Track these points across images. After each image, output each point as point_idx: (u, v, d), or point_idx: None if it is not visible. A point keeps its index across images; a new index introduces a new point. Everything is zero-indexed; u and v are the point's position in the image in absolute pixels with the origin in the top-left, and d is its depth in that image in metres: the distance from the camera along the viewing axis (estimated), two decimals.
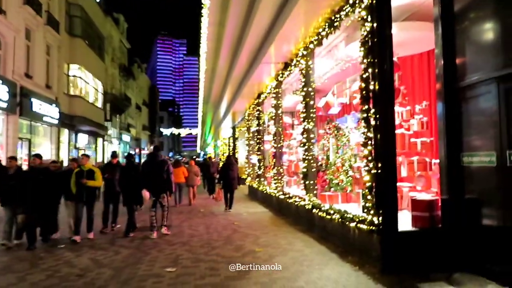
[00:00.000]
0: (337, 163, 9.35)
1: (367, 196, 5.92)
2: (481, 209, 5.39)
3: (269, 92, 14.03)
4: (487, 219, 5.31)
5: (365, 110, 5.99)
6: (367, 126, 5.96)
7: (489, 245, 5.18)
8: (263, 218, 11.38)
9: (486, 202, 5.30)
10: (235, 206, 14.39)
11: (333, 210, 7.39)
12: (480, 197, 5.40)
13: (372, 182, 5.85)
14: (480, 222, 5.39)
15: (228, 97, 18.09)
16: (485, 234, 5.28)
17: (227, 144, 33.68)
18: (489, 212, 5.27)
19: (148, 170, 8.93)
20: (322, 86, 11.97)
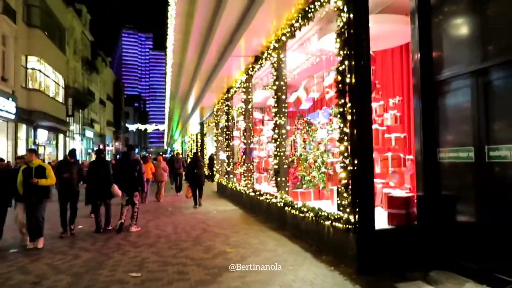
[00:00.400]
0: (309, 159, 9.14)
1: (343, 194, 5.71)
2: (458, 206, 5.28)
3: (238, 86, 13.68)
4: (464, 216, 5.21)
5: (341, 104, 5.77)
6: (343, 121, 5.74)
7: (466, 242, 5.08)
8: (233, 216, 11.06)
9: (463, 199, 5.20)
10: (204, 204, 14.00)
11: (306, 208, 7.16)
12: (457, 194, 5.30)
13: (348, 179, 5.64)
14: (456, 219, 5.28)
15: (196, 92, 17.60)
16: (461, 231, 5.18)
17: (194, 140, 33.07)
18: (466, 209, 5.17)
19: (121, 169, 9.28)
20: (293, 81, 11.76)
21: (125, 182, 9.15)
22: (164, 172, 16.22)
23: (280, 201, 8.69)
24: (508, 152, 4.48)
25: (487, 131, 4.77)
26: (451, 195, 5.37)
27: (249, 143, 12.63)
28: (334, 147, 8.17)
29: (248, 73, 11.90)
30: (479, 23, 4.94)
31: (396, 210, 5.75)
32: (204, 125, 28.05)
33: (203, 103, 19.41)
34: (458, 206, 5.28)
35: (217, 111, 19.41)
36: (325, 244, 6.46)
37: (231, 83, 14.48)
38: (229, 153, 16.19)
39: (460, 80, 5.20)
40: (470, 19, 5.09)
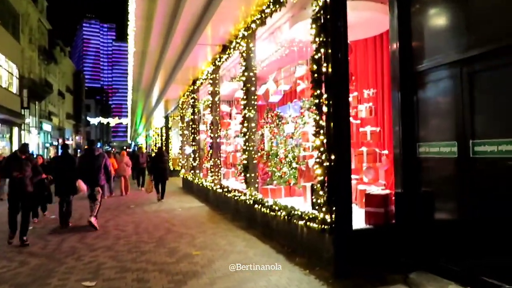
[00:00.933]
0: (280, 154, 8.72)
1: (319, 192, 5.31)
2: (439, 203, 5.00)
3: (205, 78, 13.07)
4: (446, 214, 4.93)
5: (316, 95, 5.35)
6: (318, 114, 5.32)
7: (448, 242, 4.81)
8: (200, 214, 10.51)
9: (444, 196, 4.92)
10: (169, 201, 13.38)
11: (278, 206, 6.73)
12: (438, 191, 5.01)
13: (324, 176, 5.24)
14: (437, 217, 5.00)
15: (161, 83, 16.81)
16: (443, 230, 4.90)
17: (159, 134, 32.08)
18: (448, 206, 4.89)
19: (85, 164, 9.16)
20: (262, 73, 11.28)
21: (89, 177, 9.03)
22: (127, 166, 16.20)
23: (250, 199, 8.23)
24: (495, 147, 4.21)
25: (472, 125, 4.49)
26: (432, 192, 5.08)
27: (216, 137, 12.07)
28: (305, 141, 7.79)
29: (215, 63, 11.33)
30: (464, 9, 4.63)
31: (374, 209, 5.42)
32: (169, 119, 27.18)
33: (167, 96, 18.63)
34: (439, 203, 5.00)
35: (182, 104, 18.70)
36: (299, 245, 6.06)
37: (197, 74, 13.84)
38: (195, 147, 15.57)
39: (442, 71, 4.89)
40: (453, 5, 4.78)
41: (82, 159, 9.47)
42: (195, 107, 15.59)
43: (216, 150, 12.13)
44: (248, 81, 8.68)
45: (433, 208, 5.06)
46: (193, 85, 15.04)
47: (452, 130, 4.74)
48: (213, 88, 12.12)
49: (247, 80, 8.69)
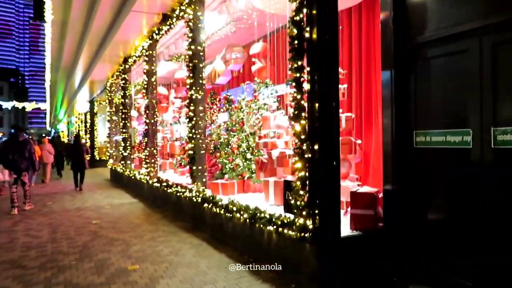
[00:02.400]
0: (232, 144, 7.48)
1: (298, 191, 4.18)
2: (442, 205, 4.12)
3: (139, 55, 11.37)
4: (453, 217, 4.05)
5: (296, 68, 4.19)
6: (299, 91, 4.18)
7: (458, 253, 3.94)
8: (133, 213, 8.96)
9: (451, 195, 4.03)
10: (95, 195, 11.60)
11: (236, 206, 5.52)
12: (442, 188, 4.12)
13: (305, 171, 4.13)
14: (442, 222, 4.12)
15: (85, 61, 14.66)
16: (450, 238, 4.02)
17: (83, 120, 29.14)
18: (457, 208, 4.01)
19: (9, 150, 9.01)
20: (208, 51, 9.92)
21: (14, 162, 9.02)
22: (50, 154, 15.94)
23: (197, 196, 6.93)
24: None
25: (495, 109, 3.61)
26: (433, 190, 4.19)
27: (153, 123, 10.51)
28: (266, 129, 6.63)
29: (153, 37, 9.74)
30: None
31: (362, 210, 4.42)
32: (95, 104, 24.62)
33: (93, 76, 16.46)
34: (443, 204, 4.11)
35: (111, 86, 16.66)
36: (265, 255, 4.91)
37: (129, 50, 12.06)
38: (126, 135, 13.78)
39: (453, 42, 3.97)
40: None
41: (6, 145, 9.18)
42: (126, 90, 13.76)
43: (152, 138, 10.57)
44: (195, 56, 7.31)
45: (434, 209, 4.17)
46: (124, 64, 13.20)
47: (464, 115, 3.84)
48: (149, 67, 10.50)
49: (194, 55, 7.31)
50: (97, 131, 25.29)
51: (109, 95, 16.90)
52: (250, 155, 7.31)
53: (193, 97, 7.27)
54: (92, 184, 14.93)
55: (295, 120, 4.19)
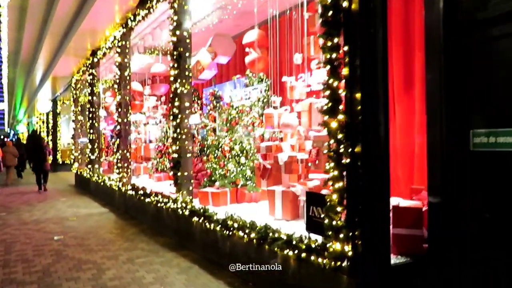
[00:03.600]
0: (223, 146, 6.44)
1: (334, 207, 3.22)
2: (509, 228, 3.26)
3: (110, 46, 10.13)
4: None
5: (330, 47, 3.24)
6: (334, 77, 3.23)
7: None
8: (104, 226, 7.75)
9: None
10: (57, 204, 10.26)
11: (238, 222, 4.49)
12: (508, 206, 3.27)
13: (343, 181, 3.17)
14: (502, 249, 3.26)
15: (47, 54, 13.17)
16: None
17: (44, 121, 27.13)
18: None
19: None
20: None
21: None
22: (13, 157, 15.65)
23: (183, 207, 5.85)
24: None
25: None
26: (498, 207, 3.33)
27: (126, 122, 9.30)
28: (270, 126, 5.64)
29: (127, 24, 8.56)
30: None
31: (407, 230, 3.51)
32: (58, 103, 22.87)
33: (56, 72, 14.92)
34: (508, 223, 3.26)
35: (76, 83, 15.20)
36: (281, 285, 3.91)
37: (98, 42, 10.77)
38: (94, 136, 12.43)
39: None
40: None
41: None
42: (94, 86, 12.43)
43: (125, 139, 9.36)
44: (181, 43, 6.25)
45: (497, 232, 3.31)
46: (92, 57, 11.87)
47: None
48: (122, 59, 9.30)
49: (179, 42, 6.25)
50: (60, 133, 23.53)
51: (74, 93, 15.43)
52: (245, 159, 6.29)
53: (177, 91, 6.19)
54: (55, 190, 13.45)
55: (330, 114, 3.23)
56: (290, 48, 6.17)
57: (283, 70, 6.47)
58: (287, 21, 6.46)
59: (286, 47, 6.40)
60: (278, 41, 6.32)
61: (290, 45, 6.25)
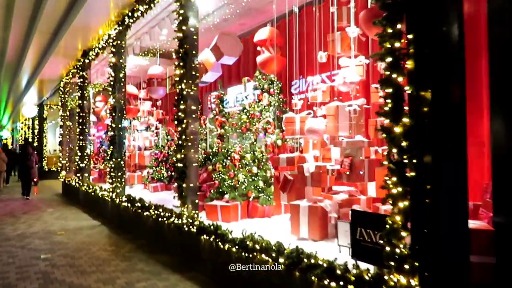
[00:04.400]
0: (232, 154, 5.81)
1: (397, 231, 2.61)
2: None
3: (103, 46, 9.46)
4: None
5: (392, 34, 2.65)
6: (396, 72, 2.63)
7: None
8: (96, 241, 7.02)
9: None
10: (44, 216, 9.45)
11: (259, 244, 3.85)
12: None
13: (406, 199, 2.57)
14: None
15: (34, 55, 12.37)
16: None
17: (30, 127, 26.10)
18: None
19: None
20: None
21: None
22: (3, 162, 15.20)
23: (189, 223, 5.19)
24: None
25: None
26: None
27: (120, 127, 8.59)
28: (289, 135, 5.02)
29: (124, 21, 7.91)
30: None
31: (478, 257, 2.92)
32: (45, 108, 21.98)
33: (44, 74, 14.13)
34: None
35: (65, 87, 14.42)
36: None
37: (90, 41, 10.07)
38: (83, 143, 11.67)
39: None
40: None
41: None
42: (85, 90, 11.69)
43: (120, 146, 8.65)
44: (188, 40, 5.62)
45: None
46: (83, 58, 11.16)
47: None
48: (117, 60, 8.62)
49: (186, 39, 5.62)
50: (46, 139, 22.60)
51: (63, 97, 14.64)
52: (257, 169, 5.67)
53: (183, 92, 5.54)
54: (40, 200, 12.61)
55: (391, 117, 2.64)
56: (310, 46, 5.60)
57: (301, 70, 5.89)
58: (304, 16, 5.90)
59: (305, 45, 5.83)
60: (296, 38, 5.75)
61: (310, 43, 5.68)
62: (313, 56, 5.53)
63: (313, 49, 5.59)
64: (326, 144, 4.85)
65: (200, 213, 5.64)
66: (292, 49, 5.88)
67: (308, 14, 6.12)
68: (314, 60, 5.42)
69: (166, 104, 11.69)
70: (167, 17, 7.84)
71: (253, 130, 5.90)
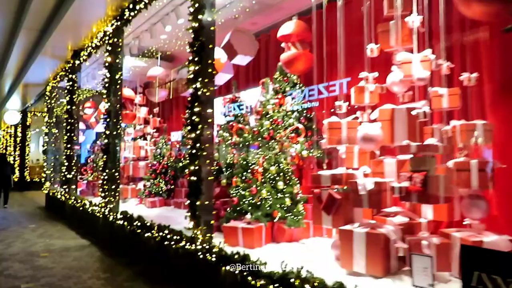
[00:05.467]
0: (254, 166, 4.94)
1: None
2: None
3: (96, 45, 8.54)
4: None
5: None
6: None
7: None
8: (87, 266, 6.02)
9: None
10: (26, 233, 8.40)
11: (312, 283, 2.97)
12: None
13: None
14: None
15: (19, 56, 11.38)
16: None
17: (12, 134, 24.74)
18: None
19: None
20: None
21: None
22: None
23: (204, 249, 4.28)
24: None
25: None
26: None
27: (115, 135, 7.65)
28: (334, 143, 4.17)
29: (123, 16, 7.03)
30: None
31: None
32: (28, 115, 20.81)
33: (28, 77, 13.09)
34: None
35: (51, 91, 13.39)
36: None
37: (82, 40, 9.15)
38: (71, 152, 10.65)
39: None
40: None
41: None
42: (74, 94, 10.72)
43: (114, 156, 7.69)
44: (204, 32, 4.78)
45: None
46: (73, 60, 10.20)
47: None
48: (113, 59, 7.71)
49: (202, 30, 4.78)
50: (29, 148, 21.36)
51: (49, 102, 13.59)
52: (283, 184, 4.80)
53: (198, 92, 4.69)
54: (21, 214, 11.50)
55: None
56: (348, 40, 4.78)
57: (332, 70, 5.08)
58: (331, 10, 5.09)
59: (339, 39, 5.01)
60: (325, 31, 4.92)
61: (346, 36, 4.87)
62: (352, 52, 4.75)
63: (350, 44, 4.79)
64: (375, 156, 4.04)
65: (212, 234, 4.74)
66: (322, 45, 5.04)
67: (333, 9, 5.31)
68: (353, 57, 4.64)
69: (163, 111, 10.78)
70: (172, 11, 7.01)
71: (277, 138, 5.05)
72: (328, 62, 5.01)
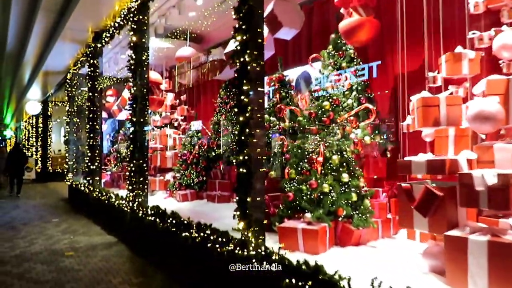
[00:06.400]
0: (311, 155, 4.15)
1: None
2: None
3: (119, 24, 7.82)
4: None
5: None
6: None
7: None
8: (116, 267, 5.38)
9: None
10: (49, 227, 7.85)
11: None
12: None
13: None
14: None
15: (38, 41, 10.84)
16: None
17: (34, 125, 24.51)
18: None
19: None
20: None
21: None
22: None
23: (259, 255, 3.54)
24: None
25: None
26: None
27: (142, 122, 6.96)
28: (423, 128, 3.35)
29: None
30: None
31: None
32: (49, 104, 20.45)
33: (48, 65, 12.57)
34: None
35: (72, 79, 12.81)
36: None
37: (103, 20, 8.46)
38: (94, 142, 10.05)
39: None
40: None
41: None
42: (96, 80, 10.08)
43: (141, 145, 7.01)
44: (252, 9, 3.97)
45: None
46: (94, 43, 9.53)
47: None
48: (139, 38, 6.98)
49: (250, 10, 3.97)
50: (51, 138, 21.05)
51: (70, 90, 13.02)
52: (347, 176, 4.01)
53: (247, 67, 3.90)
54: (44, 206, 11.04)
55: None
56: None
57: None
58: None
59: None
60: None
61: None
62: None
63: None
64: (478, 140, 3.21)
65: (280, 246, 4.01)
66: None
67: None
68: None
69: (191, 98, 10.04)
70: None
71: (338, 121, 4.24)
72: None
